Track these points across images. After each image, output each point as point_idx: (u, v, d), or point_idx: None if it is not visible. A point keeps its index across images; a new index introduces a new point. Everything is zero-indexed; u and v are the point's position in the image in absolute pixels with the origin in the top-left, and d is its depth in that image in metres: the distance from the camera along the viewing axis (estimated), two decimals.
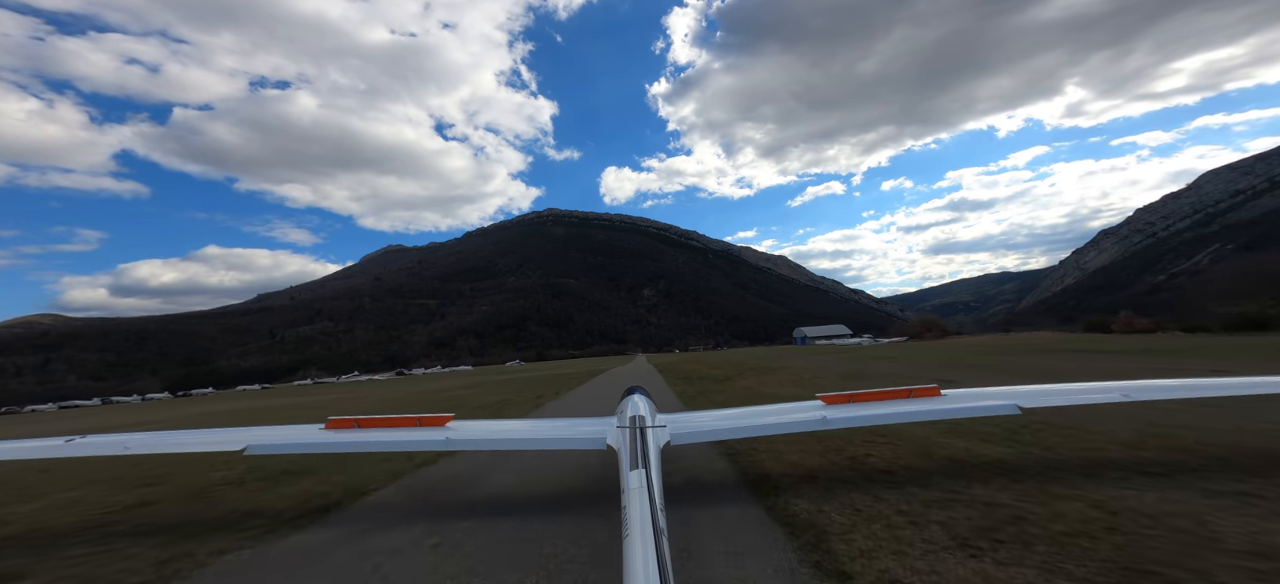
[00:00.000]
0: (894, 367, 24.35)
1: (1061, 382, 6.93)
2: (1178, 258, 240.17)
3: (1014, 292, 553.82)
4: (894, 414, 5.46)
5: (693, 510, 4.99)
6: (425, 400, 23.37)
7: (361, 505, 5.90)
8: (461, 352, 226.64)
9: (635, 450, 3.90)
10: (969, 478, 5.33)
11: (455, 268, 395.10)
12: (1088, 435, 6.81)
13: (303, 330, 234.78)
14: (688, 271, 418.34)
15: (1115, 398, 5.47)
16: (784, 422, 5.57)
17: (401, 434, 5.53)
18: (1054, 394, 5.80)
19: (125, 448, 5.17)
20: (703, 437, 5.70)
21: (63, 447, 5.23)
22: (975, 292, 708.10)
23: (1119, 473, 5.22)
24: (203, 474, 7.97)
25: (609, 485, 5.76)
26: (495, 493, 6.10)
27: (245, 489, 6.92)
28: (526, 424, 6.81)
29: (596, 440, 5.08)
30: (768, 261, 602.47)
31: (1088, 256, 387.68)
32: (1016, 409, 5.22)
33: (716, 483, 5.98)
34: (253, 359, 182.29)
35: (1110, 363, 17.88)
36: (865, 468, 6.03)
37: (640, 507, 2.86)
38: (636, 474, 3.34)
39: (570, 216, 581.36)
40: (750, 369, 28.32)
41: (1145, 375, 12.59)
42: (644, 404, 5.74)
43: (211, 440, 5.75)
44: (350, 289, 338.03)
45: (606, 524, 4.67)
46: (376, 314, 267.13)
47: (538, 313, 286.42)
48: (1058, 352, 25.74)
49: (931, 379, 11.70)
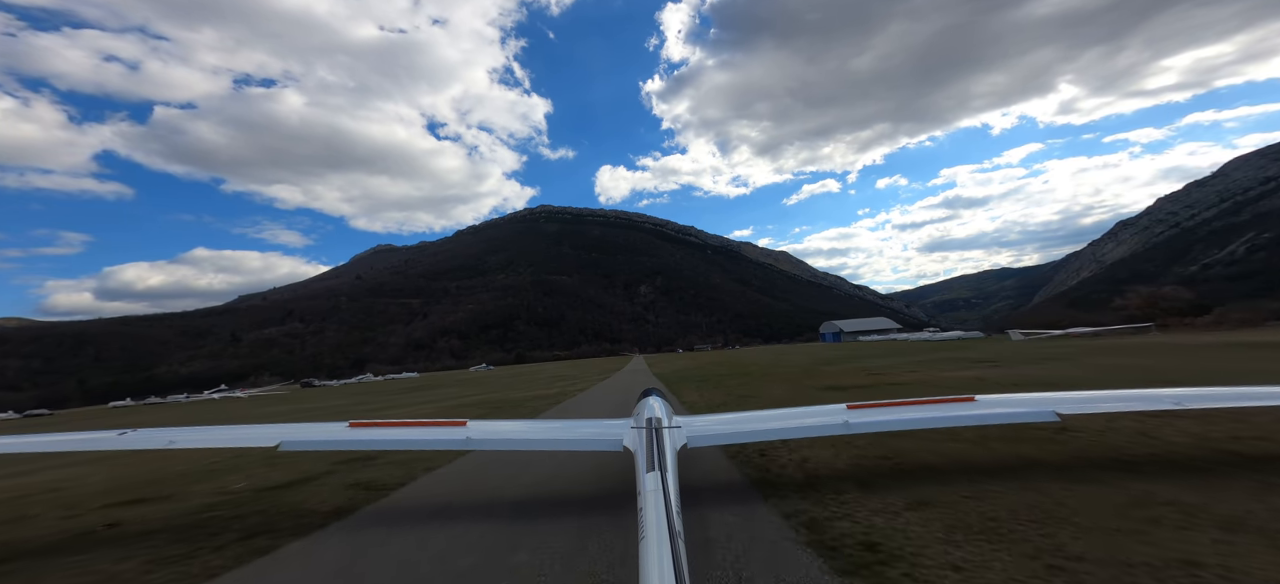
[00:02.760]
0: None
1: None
2: (1209, 248, 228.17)
3: (1015, 288, 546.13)
4: (920, 419, 5.31)
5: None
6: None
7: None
8: (442, 353, 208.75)
9: (651, 452, 3.90)
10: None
11: (442, 266, 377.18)
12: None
13: (268, 332, 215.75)
14: (686, 267, 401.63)
15: (1166, 405, 5.17)
16: (804, 425, 5.48)
17: (422, 433, 5.90)
18: (1095, 400, 5.51)
19: (171, 442, 5.76)
20: (720, 439, 5.65)
21: (115, 439, 5.83)
22: (975, 288, 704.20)
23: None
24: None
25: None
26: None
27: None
28: (544, 425, 7.27)
29: (613, 442, 5.14)
30: (768, 258, 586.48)
31: (1104, 248, 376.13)
32: (1054, 415, 5.04)
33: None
34: (200, 364, 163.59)
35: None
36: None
37: (656, 509, 2.84)
38: (653, 476, 3.32)
39: (563, 213, 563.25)
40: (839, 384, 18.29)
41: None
42: (660, 406, 5.72)
43: (250, 436, 6.04)
44: (328, 289, 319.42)
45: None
46: (352, 315, 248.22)
47: (527, 311, 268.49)
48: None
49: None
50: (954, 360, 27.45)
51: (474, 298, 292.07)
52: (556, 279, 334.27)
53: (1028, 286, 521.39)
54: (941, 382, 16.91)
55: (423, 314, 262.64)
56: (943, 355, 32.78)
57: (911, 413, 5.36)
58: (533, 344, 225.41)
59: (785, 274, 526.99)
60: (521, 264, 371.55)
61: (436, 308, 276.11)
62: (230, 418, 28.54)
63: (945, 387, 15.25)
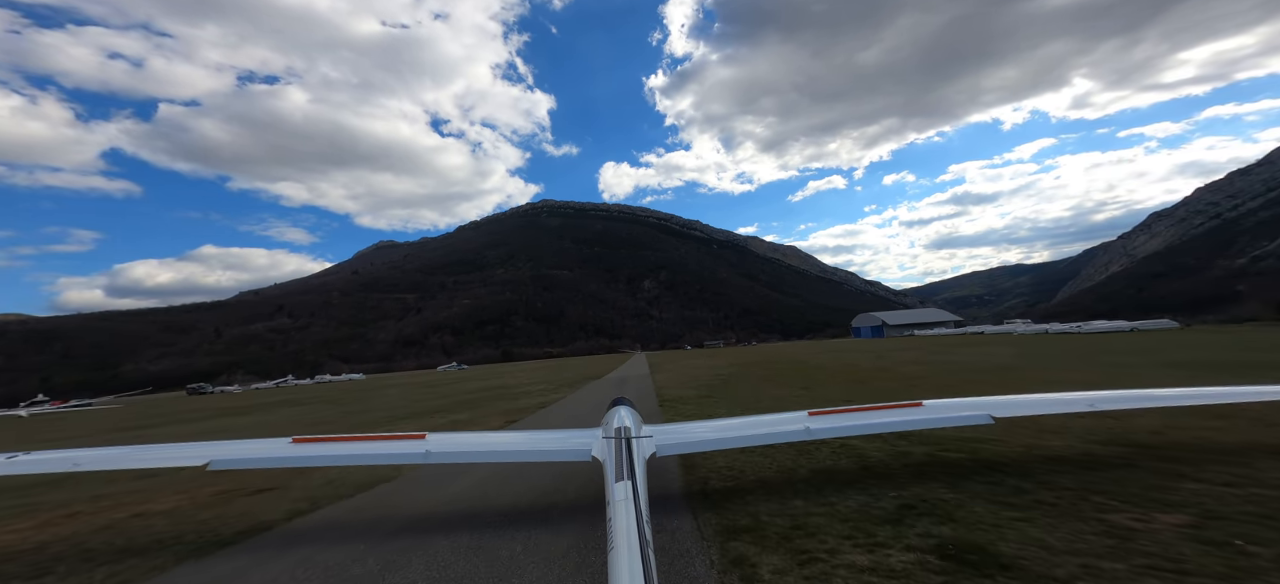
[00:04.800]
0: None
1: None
2: (1259, 239, 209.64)
3: (1030, 285, 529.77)
4: (874, 424, 5.66)
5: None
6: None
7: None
8: (434, 349, 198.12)
9: (621, 462, 3.91)
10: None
11: (440, 261, 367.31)
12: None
13: (254, 328, 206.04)
14: (692, 262, 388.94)
15: (1081, 408, 5.62)
16: (769, 432, 5.73)
17: (375, 448, 5.41)
18: (1026, 404, 5.96)
19: (75, 465, 4.69)
20: (689, 448, 5.70)
21: (4, 463, 4.76)
22: (987, 285, 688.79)
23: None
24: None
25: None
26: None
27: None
28: (509, 436, 6.81)
29: (581, 452, 5.10)
30: (776, 252, 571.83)
31: (1136, 241, 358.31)
32: (990, 419, 5.38)
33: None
34: (171, 361, 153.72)
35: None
36: None
37: (626, 518, 2.86)
38: (622, 486, 3.34)
39: (566, 207, 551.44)
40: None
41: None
42: (629, 416, 5.71)
43: (172, 456, 5.35)
44: (322, 284, 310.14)
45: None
46: (343, 310, 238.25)
47: (525, 306, 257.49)
48: None
49: None
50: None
51: (470, 293, 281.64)
52: (556, 274, 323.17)
53: (1043, 283, 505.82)
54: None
55: (417, 309, 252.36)
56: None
57: (867, 419, 5.64)
58: (530, 341, 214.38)
59: (794, 269, 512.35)
60: (521, 259, 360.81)
61: (432, 303, 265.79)
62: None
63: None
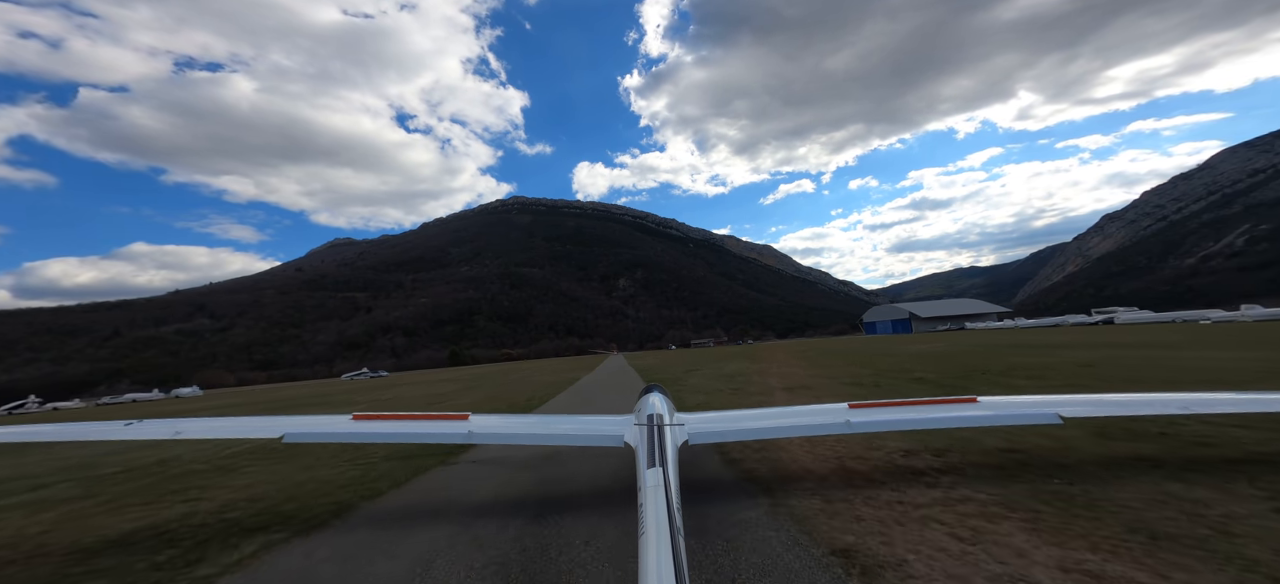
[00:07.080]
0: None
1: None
2: (1203, 240, 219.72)
3: (983, 286, 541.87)
4: (922, 419, 5.28)
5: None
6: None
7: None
8: (381, 352, 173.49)
9: (653, 448, 3.92)
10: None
11: (400, 257, 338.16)
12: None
13: (161, 331, 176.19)
14: (668, 260, 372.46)
15: (1173, 410, 5.17)
16: (806, 424, 5.46)
17: (424, 426, 5.81)
18: (1099, 404, 5.42)
19: (177, 432, 5.54)
20: (722, 436, 5.64)
21: (122, 430, 5.63)
22: (945, 286, 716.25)
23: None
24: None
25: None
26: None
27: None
28: (545, 420, 7.09)
29: (614, 438, 5.10)
30: (752, 252, 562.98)
31: (1090, 242, 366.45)
32: (1058, 418, 5.02)
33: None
34: (36, 369, 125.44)
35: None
36: None
37: (656, 505, 2.86)
38: (654, 472, 3.33)
39: (538, 204, 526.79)
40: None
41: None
42: (662, 402, 5.65)
43: (254, 427, 5.94)
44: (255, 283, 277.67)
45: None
46: (278, 309, 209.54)
47: (490, 305, 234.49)
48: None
49: None
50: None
51: (429, 291, 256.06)
52: (526, 271, 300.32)
53: (996, 284, 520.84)
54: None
55: (366, 309, 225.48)
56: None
57: (913, 413, 5.29)
58: (494, 341, 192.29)
59: (770, 269, 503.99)
60: (488, 255, 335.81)
61: (384, 302, 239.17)
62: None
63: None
